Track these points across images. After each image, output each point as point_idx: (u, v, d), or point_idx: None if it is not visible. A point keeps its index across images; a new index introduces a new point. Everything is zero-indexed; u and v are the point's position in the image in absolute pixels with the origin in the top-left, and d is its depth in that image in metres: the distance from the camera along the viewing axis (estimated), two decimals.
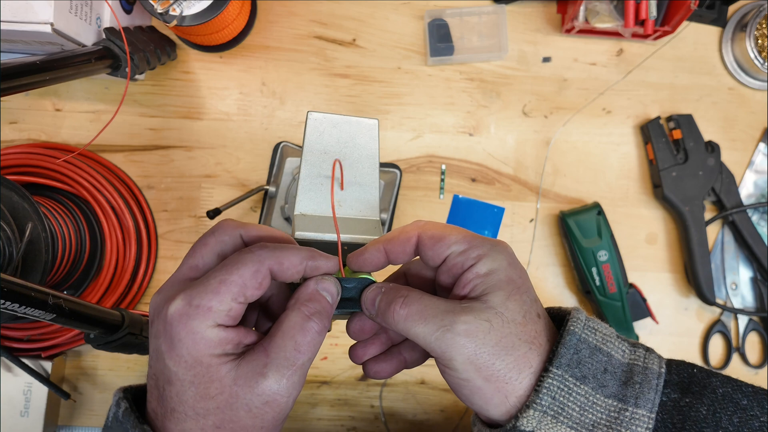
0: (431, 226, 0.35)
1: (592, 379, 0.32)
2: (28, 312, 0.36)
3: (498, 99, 0.65)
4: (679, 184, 0.63)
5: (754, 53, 0.64)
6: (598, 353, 0.33)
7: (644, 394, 0.32)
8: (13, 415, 0.59)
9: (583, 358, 0.32)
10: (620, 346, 0.34)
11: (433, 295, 0.33)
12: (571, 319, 0.34)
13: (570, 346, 0.32)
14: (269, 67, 0.64)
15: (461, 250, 0.33)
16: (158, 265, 0.63)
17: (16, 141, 0.63)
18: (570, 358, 0.32)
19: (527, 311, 0.33)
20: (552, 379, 0.31)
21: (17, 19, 0.48)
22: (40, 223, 0.47)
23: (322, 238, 0.40)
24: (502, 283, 0.32)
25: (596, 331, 0.34)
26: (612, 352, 0.33)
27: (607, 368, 0.33)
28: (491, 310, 0.32)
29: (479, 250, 0.33)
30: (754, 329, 0.66)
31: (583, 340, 0.33)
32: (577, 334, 0.33)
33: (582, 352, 0.32)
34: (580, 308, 0.35)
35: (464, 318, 0.31)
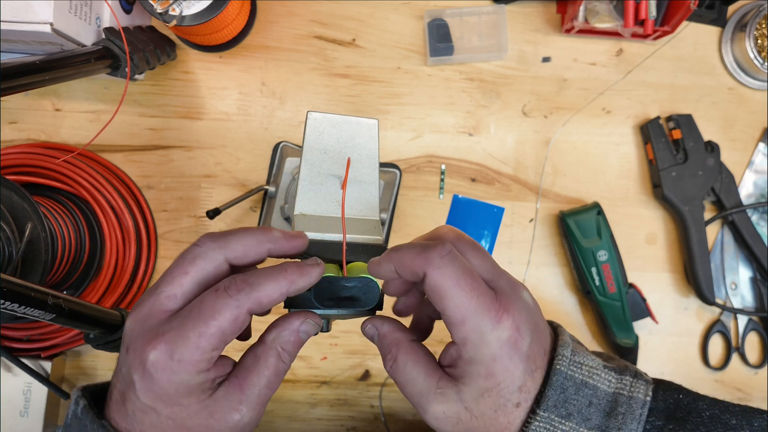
0: (439, 272, 0.32)
1: (576, 414, 0.32)
2: (27, 312, 0.36)
3: (498, 99, 0.65)
4: (679, 184, 0.63)
5: (754, 53, 0.64)
6: (584, 388, 0.33)
7: (627, 425, 0.32)
8: (13, 415, 0.59)
9: (569, 396, 0.33)
10: (606, 376, 0.34)
11: (418, 364, 0.34)
12: (557, 357, 0.33)
13: (557, 387, 0.32)
14: (269, 67, 0.64)
15: (453, 321, 0.32)
16: (158, 265, 0.63)
17: (16, 141, 0.63)
18: (556, 399, 0.32)
19: (501, 405, 0.32)
20: (539, 421, 0.32)
21: (17, 19, 0.48)
22: (40, 223, 0.47)
23: (322, 237, 0.40)
24: (480, 378, 0.32)
25: (582, 366, 0.34)
26: (598, 384, 0.33)
27: (592, 401, 0.33)
28: (461, 405, 0.32)
29: (469, 333, 0.31)
30: (753, 329, 0.66)
31: (569, 377, 0.33)
32: (563, 372, 0.33)
33: (568, 390, 0.33)
34: (565, 336, 0.35)
35: (434, 409, 0.32)
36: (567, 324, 0.65)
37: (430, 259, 0.32)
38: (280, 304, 0.38)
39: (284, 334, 0.36)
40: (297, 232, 0.37)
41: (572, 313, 0.66)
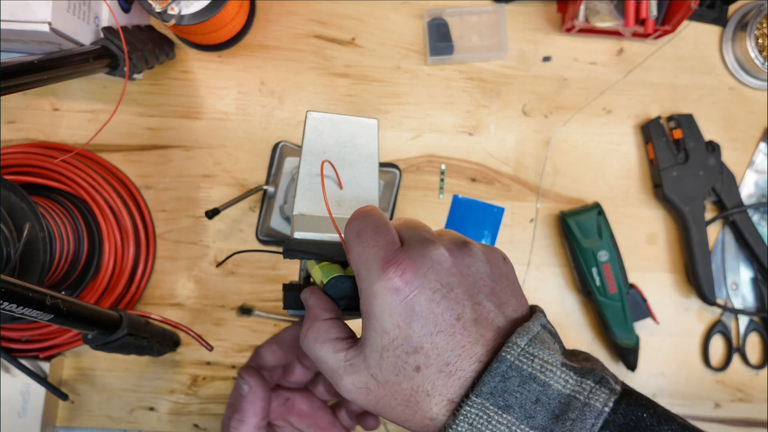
0: (348, 225, 0.33)
1: (518, 409, 0.29)
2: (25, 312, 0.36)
3: (498, 98, 0.65)
4: (680, 184, 0.63)
5: (755, 53, 0.64)
6: (532, 382, 0.30)
7: None
8: (11, 416, 0.58)
9: (510, 387, 0.29)
10: (563, 375, 0.30)
11: (327, 343, 0.33)
12: (507, 344, 0.30)
13: (497, 373, 0.30)
14: (268, 66, 0.64)
15: (355, 274, 0.32)
16: (156, 266, 0.63)
17: (14, 141, 0.63)
18: (494, 386, 0.29)
19: (400, 368, 0.30)
20: (470, 407, 0.29)
21: (15, 18, 0.48)
22: (38, 224, 0.47)
23: (321, 238, 0.40)
24: (376, 335, 0.31)
25: (534, 358, 0.30)
26: (550, 381, 0.30)
27: (540, 398, 0.30)
28: (367, 372, 0.31)
29: (360, 282, 0.31)
30: (754, 329, 0.66)
31: (515, 367, 0.30)
32: (508, 361, 0.30)
33: (510, 381, 0.30)
34: (532, 325, 0.31)
35: (345, 381, 0.32)
36: (567, 324, 0.65)
37: (348, 219, 0.33)
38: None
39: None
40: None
41: (573, 314, 0.66)
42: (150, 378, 0.63)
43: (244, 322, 0.64)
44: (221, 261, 0.63)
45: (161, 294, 0.63)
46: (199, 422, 0.63)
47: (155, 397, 0.63)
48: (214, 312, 0.64)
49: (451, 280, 0.31)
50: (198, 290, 0.63)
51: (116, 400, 0.63)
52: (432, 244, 0.31)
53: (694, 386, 0.66)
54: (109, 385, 0.63)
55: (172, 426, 0.63)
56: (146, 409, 0.63)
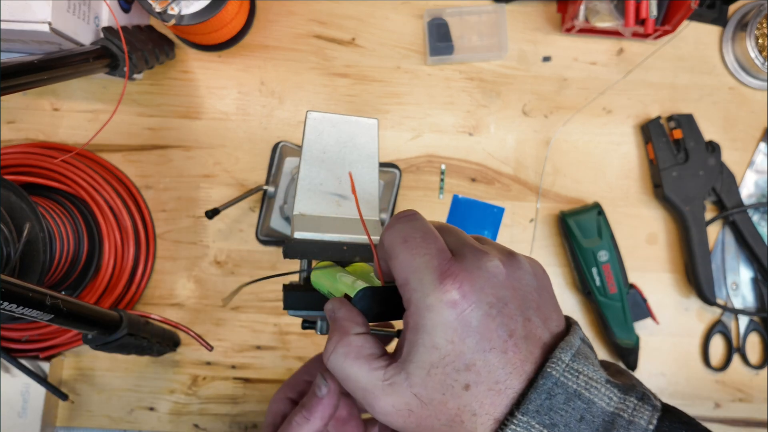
0: (390, 231, 0.31)
1: (563, 427, 0.29)
2: (25, 312, 0.36)
3: (498, 98, 0.65)
4: (680, 184, 0.63)
5: (755, 53, 0.64)
6: (577, 399, 0.29)
7: None
8: (11, 416, 0.58)
9: (555, 405, 0.29)
10: (607, 392, 0.30)
11: (359, 359, 0.31)
12: (552, 359, 0.29)
13: (543, 390, 0.29)
14: (268, 66, 0.64)
15: (400, 284, 0.30)
16: (156, 266, 0.63)
17: (14, 141, 0.63)
18: (540, 404, 0.28)
19: (448, 387, 0.29)
20: (516, 425, 0.28)
21: (15, 18, 0.48)
22: (38, 224, 0.47)
23: (321, 238, 0.40)
24: (425, 350, 0.29)
25: (579, 374, 0.29)
26: (595, 398, 0.29)
27: (584, 416, 0.29)
28: (410, 392, 0.29)
29: (411, 292, 0.29)
30: (754, 330, 0.66)
31: (560, 384, 0.29)
32: (554, 377, 0.29)
33: (556, 398, 0.29)
34: (573, 338, 0.31)
35: (383, 403, 0.30)
36: None
37: (390, 223, 0.31)
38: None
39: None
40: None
41: (573, 314, 0.66)
42: (150, 378, 0.63)
43: (244, 322, 0.64)
44: (228, 297, 0.63)
45: (161, 294, 0.63)
46: (199, 422, 0.63)
47: (155, 397, 0.63)
48: (214, 312, 0.64)
49: (505, 294, 0.30)
50: (198, 290, 0.63)
51: (116, 400, 0.63)
52: (486, 256, 0.30)
53: (694, 386, 0.66)
54: (109, 385, 0.63)
55: (172, 426, 0.63)
56: (146, 409, 0.63)
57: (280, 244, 0.64)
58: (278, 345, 0.64)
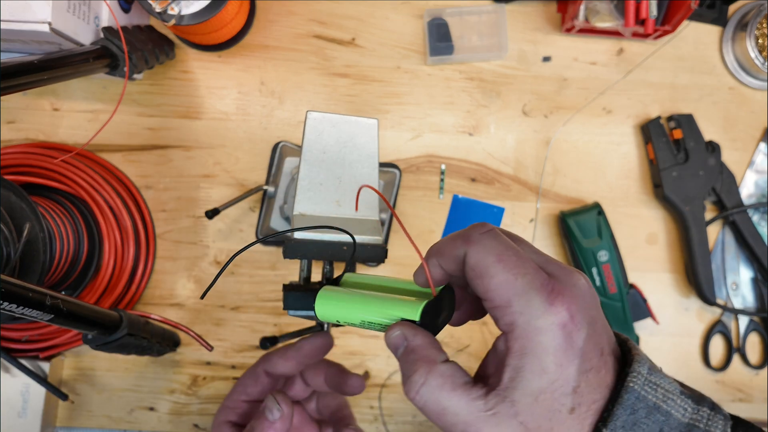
0: (479, 247, 0.29)
1: None
2: (25, 312, 0.36)
3: (498, 98, 0.65)
4: (680, 184, 0.63)
5: (755, 53, 0.64)
6: (656, 413, 0.29)
7: None
8: (11, 416, 0.58)
9: (639, 419, 0.28)
10: (682, 404, 0.30)
11: (456, 390, 0.29)
12: (632, 373, 0.29)
13: (627, 406, 0.28)
14: (268, 66, 0.64)
15: (496, 304, 0.29)
16: (156, 266, 0.63)
17: (14, 141, 0.63)
18: (625, 419, 0.28)
19: (555, 411, 0.28)
20: None
21: (15, 18, 0.48)
22: (38, 224, 0.47)
23: (321, 238, 0.40)
24: (533, 376, 0.28)
25: (657, 387, 0.29)
26: (672, 411, 0.29)
27: (663, 429, 0.29)
28: (516, 420, 0.28)
29: (516, 316, 0.28)
30: (754, 330, 0.66)
31: (641, 398, 0.29)
32: (636, 391, 0.29)
33: (639, 412, 0.28)
34: (641, 352, 0.31)
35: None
36: None
37: (470, 237, 0.29)
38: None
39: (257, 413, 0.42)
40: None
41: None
42: (150, 378, 0.63)
43: (244, 322, 0.64)
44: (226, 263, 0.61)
45: (161, 294, 0.63)
46: (199, 422, 0.63)
47: (155, 397, 0.63)
48: (214, 312, 0.64)
49: (593, 313, 0.29)
50: (198, 290, 0.63)
51: (116, 400, 0.63)
52: (575, 273, 0.30)
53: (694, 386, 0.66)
54: (109, 385, 0.63)
55: (172, 426, 0.63)
56: (146, 409, 0.63)
57: (280, 244, 0.64)
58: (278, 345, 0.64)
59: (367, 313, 0.32)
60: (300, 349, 0.45)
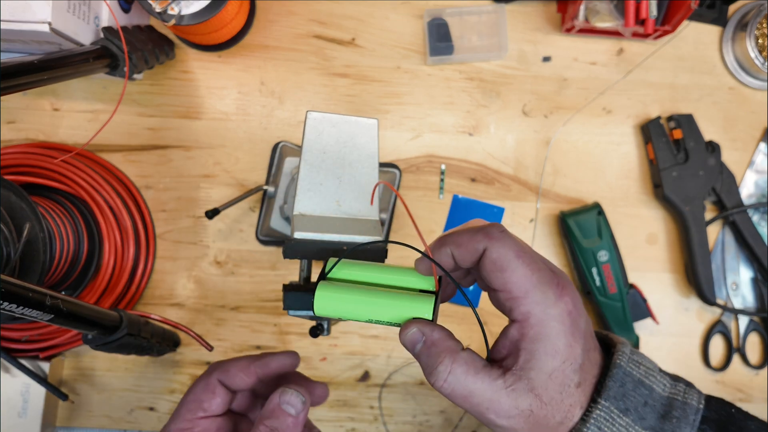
0: (500, 244, 0.32)
1: (633, 411, 0.33)
2: (25, 312, 0.36)
3: (498, 98, 0.65)
4: (680, 184, 0.63)
5: (755, 53, 0.64)
6: (641, 387, 0.33)
7: (681, 429, 0.33)
8: (12, 415, 0.58)
9: (627, 392, 0.33)
10: (661, 380, 0.34)
11: (479, 373, 0.32)
12: (618, 353, 0.34)
13: (617, 379, 0.33)
14: (268, 66, 0.64)
15: (515, 295, 0.32)
16: (156, 266, 0.63)
17: (14, 141, 0.63)
18: (616, 391, 0.33)
19: (565, 386, 0.32)
20: (600, 410, 0.32)
21: (15, 18, 0.48)
22: (38, 224, 0.47)
23: (321, 237, 0.40)
24: (547, 357, 0.32)
25: (640, 365, 0.34)
26: (654, 386, 0.34)
27: (648, 401, 0.33)
28: (532, 394, 0.32)
29: (532, 306, 0.32)
30: (754, 330, 0.66)
31: (628, 373, 0.33)
32: (623, 367, 0.33)
33: (627, 386, 0.33)
34: (626, 341, 0.36)
35: (507, 408, 0.32)
36: None
37: (491, 233, 0.33)
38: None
39: (265, 412, 0.39)
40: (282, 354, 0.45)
41: None
42: (150, 378, 0.63)
43: (244, 322, 0.64)
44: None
45: (161, 294, 0.63)
46: None
47: (155, 397, 0.63)
48: (214, 312, 0.64)
49: (581, 301, 0.34)
50: (198, 290, 0.63)
51: (116, 400, 0.63)
52: (563, 272, 0.35)
53: None
54: (109, 385, 0.63)
55: None
56: (146, 409, 0.63)
57: (280, 244, 0.64)
58: (278, 345, 0.64)
59: (376, 312, 0.33)
60: (266, 366, 0.44)
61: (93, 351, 0.59)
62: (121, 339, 0.48)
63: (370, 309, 0.33)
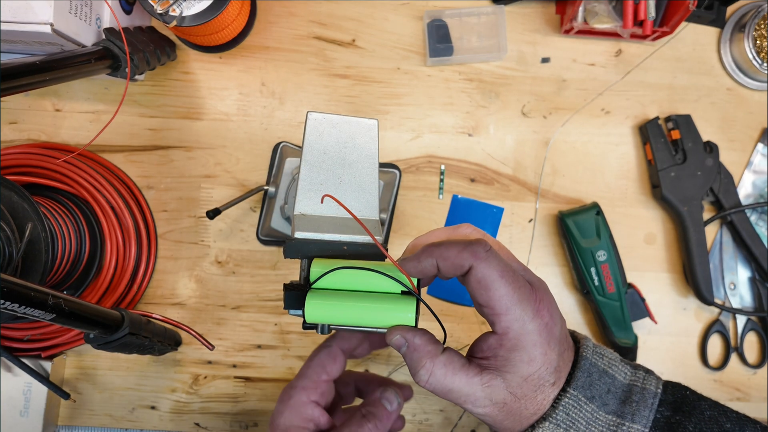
0: (485, 265, 0.35)
1: (598, 398, 0.36)
2: (27, 312, 0.36)
3: (497, 99, 0.66)
4: (678, 184, 0.63)
5: (753, 54, 0.64)
6: (605, 376, 0.37)
7: (640, 412, 0.36)
8: (13, 414, 0.59)
9: (593, 381, 0.37)
10: (623, 369, 0.38)
11: (457, 373, 0.36)
12: (583, 347, 0.38)
13: (585, 370, 0.37)
14: (269, 67, 0.65)
15: (497, 312, 0.35)
16: (158, 265, 0.64)
17: (16, 141, 0.63)
18: (584, 380, 0.36)
19: (540, 386, 0.36)
20: (569, 398, 0.36)
21: (17, 19, 0.48)
22: (40, 224, 0.47)
23: (321, 237, 0.40)
24: (523, 365, 0.35)
25: (603, 356, 0.38)
26: (616, 374, 0.38)
27: (611, 389, 0.37)
28: (506, 391, 0.35)
29: (512, 323, 0.35)
30: (752, 329, 0.66)
31: (593, 364, 0.37)
32: (588, 359, 0.37)
33: (593, 375, 0.37)
34: (588, 337, 0.40)
35: (483, 401, 0.35)
36: (567, 324, 0.65)
37: (477, 253, 0.35)
38: None
39: (368, 400, 0.46)
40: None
41: (571, 313, 0.66)
42: (151, 377, 0.63)
43: (245, 322, 0.64)
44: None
45: (163, 293, 0.64)
46: (200, 421, 0.64)
47: (157, 396, 0.64)
48: (215, 311, 0.64)
49: (557, 307, 0.38)
50: (199, 290, 0.64)
51: (118, 399, 0.63)
52: (542, 279, 0.38)
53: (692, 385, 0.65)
54: (110, 384, 0.63)
55: (174, 425, 0.64)
56: (148, 407, 0.63)
57: (281, 243, 0.64)
58: (279, 344, 0.64)
59: (363, 319, 0.37)
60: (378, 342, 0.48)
61: (95, 350, 0.59)
62: (122, 338, 0.48)
63: (357, 315, 0.37)
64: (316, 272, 0.38)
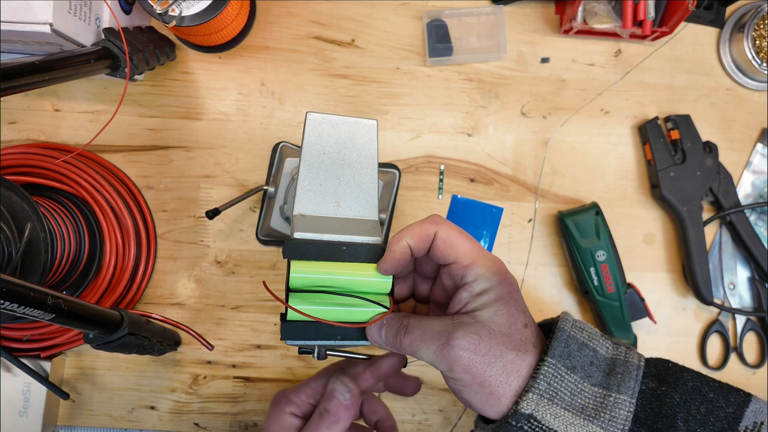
0: (446, 227, 0.39)
1: (580, 369, 0.37)
2: (27, 312, 0.36)
3: (496, 99, 0.66)
4: (677, 184, 0.63)
5: (752, 54, 0.64)
6: (585, 348, 0.38)
7: (625, 383, 0.37)
8: (12, 415, 0.59)
9: (572, 352, 0.37)
10: (604, 343, 0.39)
11: (429, 317, 0.39)
12: (561, 320, 0.39)
13: (561, 340, 0.38)
14: (268, 67, 0.65)
15: (466, 263, 0.39)
16: (157, 265, 0.64)
17: (15, 141, 0.63)
18: (562, 350, 0.37)
19: (513, 323, 0.37)
20: (547, 366, 0.36)
21: (16, 19, 0.48)
22: (39, 224, 0.47)
23: (321, 238, 0.40)
24: (491, 302, 0.38)
25: (582, 330, 0.39)
26: (597, 348, 0.39)
27: (593, 361, 0.38)
28: (479, 324, 0.37)
29: (479, 269, 0.38)
30: (751, 329, 0.66)
31: (571, 336, 0.38)
32: (566, 331, 0.38)
33: (571, 347, 0.38)
34: (568, 312, 0.41)
35: (457, 334, 0.37)
36: None
37: (436, 220, 0.39)
38: None
39: (324, 397, 0.46)
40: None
41: (571, 313, 0.66)
42: (151, 377, 0.63)
43: (245, 322, 0.64)
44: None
45: (162, 293, 0.64)
46: (199, 421, 0.64)
47: (156, 396, 0.64)
48: (214, 311, 0.64)
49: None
50: (198, 290, 0.64)
51: (117, 399, 0.63)
52: None
53: None
54: (110, 384, 0.63)
55: (173, 425, 0.64)
56: (147, 408, 0.63)
57: (280, 243, 0.64)
58: (278, 344, 0.64)
59: (340, 318, 0.40)
60: (379, 369, 0.48)
61: (94, 350, 0.59)
62: (122, 338, 0.48)
63: (334, 315, 0.40)
64: (296, 278, 0.40)
